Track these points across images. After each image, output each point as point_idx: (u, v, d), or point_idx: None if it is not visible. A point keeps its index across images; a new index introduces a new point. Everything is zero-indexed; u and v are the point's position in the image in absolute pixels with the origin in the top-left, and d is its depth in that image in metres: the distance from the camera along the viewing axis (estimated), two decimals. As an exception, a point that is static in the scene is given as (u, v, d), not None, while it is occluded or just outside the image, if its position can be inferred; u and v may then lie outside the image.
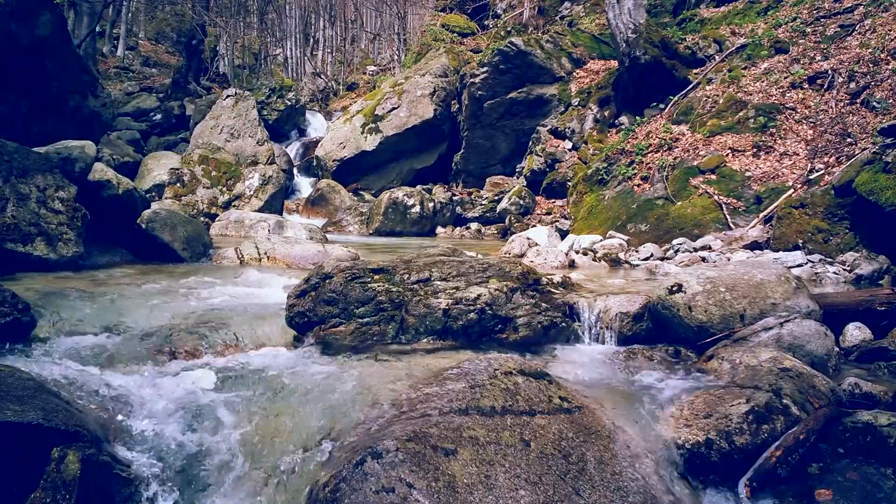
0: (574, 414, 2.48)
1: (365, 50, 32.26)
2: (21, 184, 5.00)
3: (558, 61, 13.89)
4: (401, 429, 2.22)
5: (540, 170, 12.82)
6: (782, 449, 2.41)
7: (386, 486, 1.96)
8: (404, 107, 15.31)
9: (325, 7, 31.20)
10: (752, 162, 8.39)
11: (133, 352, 3.23)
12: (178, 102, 18.76)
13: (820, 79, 9.11)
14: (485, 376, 2.56)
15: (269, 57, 29.97)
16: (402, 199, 12.22)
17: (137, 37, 27.60)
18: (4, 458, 1.92)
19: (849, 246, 6.25)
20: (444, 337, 3.50)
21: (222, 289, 4.68)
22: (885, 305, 3.79)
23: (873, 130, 7.27)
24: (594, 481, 2.19)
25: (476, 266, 3.88)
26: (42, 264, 4.88)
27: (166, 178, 11.70)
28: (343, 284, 3.60)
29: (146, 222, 6.12)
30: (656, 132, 9.91)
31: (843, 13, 10.28)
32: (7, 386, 2.17)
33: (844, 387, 2.94)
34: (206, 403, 2.57)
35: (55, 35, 9.62)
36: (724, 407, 2.61)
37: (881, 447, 2.40)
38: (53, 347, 3.16)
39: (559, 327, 3.71)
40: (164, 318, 3.75)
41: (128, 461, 2.22)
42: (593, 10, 16.74)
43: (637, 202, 8.89)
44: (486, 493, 2.01)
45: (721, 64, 10.87)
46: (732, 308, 3.47)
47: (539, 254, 6.66)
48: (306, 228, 8.99)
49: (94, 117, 10.93)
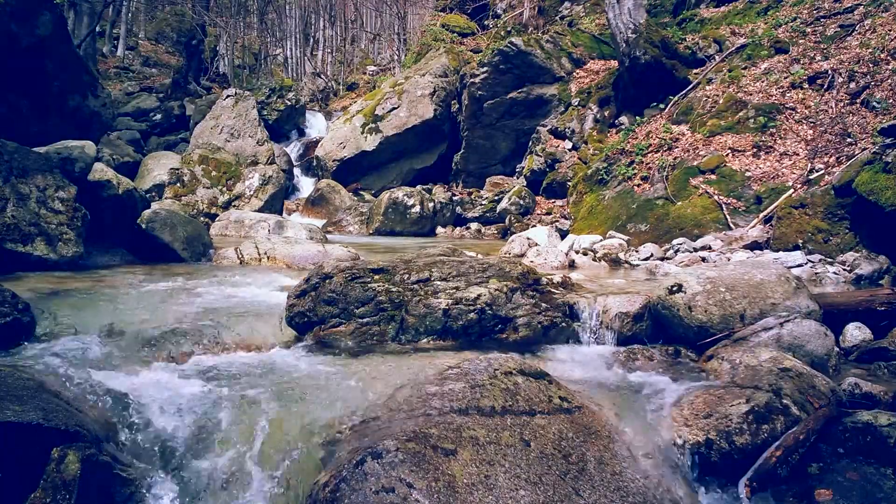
0: (574, 414, 2.48)
1: (365, 50, 32.27)
2: (21, 184, 5.00)
3: (558, 61, 13.88)
4: (401, 429, 2.22)
5: (540, 170, 12.82)
6: (782, 449, 2.41)
7: (386, 486, 1.96)
8: (404, 107, 15.30)
9: (325, 7, 31.20)
10: (752, 162, 8.39)
11: (133, 352, 3.23)
12: (178, 102, 18.77)
13: (820, 79, 9.11)
14: (485, 376, 2.56)
15: (269, 57, 29.97)
16: (402, 199, 12.22)
17: (137, 37, 27.60)
18: (4, 458, 1.92)
19: (849, 246, 6.25)
20: (444, 337, 3.50)
21: (222, 289, 4.68)
22: (885, 305, 3.79)
23: (873, 130, 7.27)
24: (594, 481, 2.19)
25: (476, 266, 3.88)
26: (42, 264, 4.88)
27: (166, 178, 11.70)
28: (343, 284, 3.60)
29: (146, 222, 6.13)
30: (656, 132, 9.91)
31: (843, 13, 10.28)
32: (7, 386, 2.17)
33: (844, 387, 2.94)
34: (206, 403, 2.57)
35: (55, 35, 9.62)
36: (724, 407, 2.61)
37: (881, 447, 2.40)
38: (53, 347, 3.16)
39: (559, 327, 3.71)
40: (163, 318, 3.75)
41: (128, 461, 2.22)
42: (593, 10, 16.74)
43: (637, 202, 8.89)
44: (486, 493, 2.01)
45: (721, 64, 10.87)
46: (732, 308, 3.47)
47: (539, 254, 6.65)
48: (306, 228, 8.99)
49: (94, 117, 10.93)
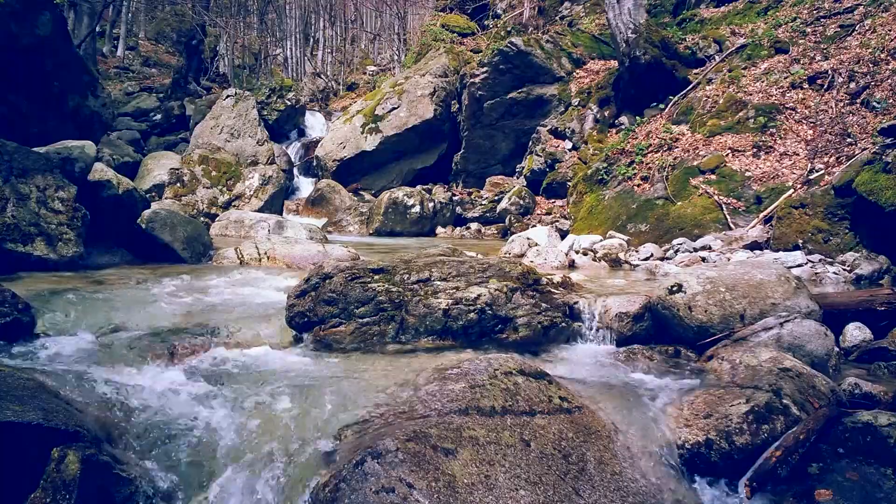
0: (574, 414, 2.48)
1: (365, 50, 32.27)
2: (21, 184, 5.00)
3: (558, 61, 13.88)
4: (401, 429, 2.22)
5: (540, 170, 12.82)
6: (782, 449, 2.41)
7: (386, 486, 1.96)
8: (404, 107, 15.29)
9: (325, 7, 31.19)
10: (752, 162, 8.39)
11: (133, 351, 3.23)
12: (178, 102, 18.76)
13: (820, 79, 9.11)
14: (485, 376, 2.56)
15: (269, 57, 29.96)
16: (402, 199, 12.21)
17: (137, 37, 27.62)
18: (4, 458, 1.92)
19: (849, 246, 6.25)
20: (444, 337, 3.50)
21: (222, 289, 4.69)
22: (885, 305, 3.79)
23: (873, 130, 7.27)
24: (594, 481, 2.19)
25: (476, 266, 3.88)
26: (42, 264, 4.88)
27: (166, 178, 11.69)
28: (343, 284, 3.60)
29: (146, 222, 6.12)
30: (656, 132, 9.91)
31: (843, 13, 10.27)
32: (7, 386, 2.17)
33: (844, 387, 2.94)
34: (206, 403, 2.57)
35: (55, 35, 9.61)
36: (724, 407, 2.61)
37: (881, 447, 2.40)
38: (53, 347, 3.16)
39: (559, 327, 3.71)
40: (163, 318, 3.75)
41: (128, 461, 2.22)
42: (593, 10, 16.73)
43: (637, 202, 8.89)
44: (486, 493, 2.01)
45: (721, 64, 10.86)
46: (732, 308, 3.47)
47: (539, 254, 6.65)
48: (306, 228, 8.99)
49: (94, 117, 10.93)
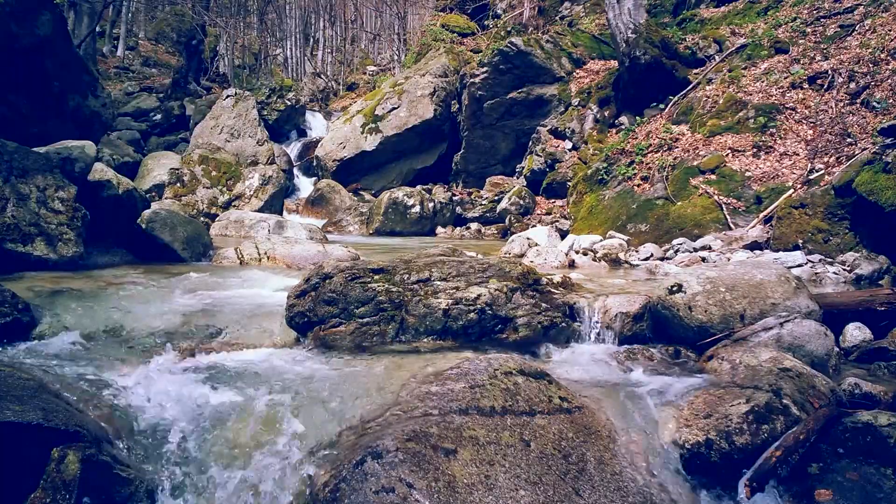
0: (574, 414, 2.48)
1: (365, 50, 32.27)
2: (21, 184, 5.00)
3: (558, 61, 13.88)
4: (401, 429, 2.22)
5: (540, 170, 12.82)
6: (782, 449, 2.41)
7: (386, 485, 1.96)
8: (404, 107, 15.29)
9: (325, 7, 31.19)
10: (752, 162, 8.39)
11: (133, 351, 3.23)
12: (178, 102, 18.76)
13: (820, 79, 9.11)
14: (485, 376, 2.56)
15: (269, 57, 29.96)
16: (402, 199, 12.21)
17: (137, 37, 27.61)
18: (4, 458, 1.92)
19: (849, 246, 6.25)
20: (444, 337, 3.50)
21: (222, 289, 4.68)
22: (885, 305, 3.79)
23: (873, 130, 7.27)
24: (594, 481, 2.19)
25: (476, 266, 3.88)
26: (42, 264, 4.87)
27: (166, 178, 11.69)
28: (343, 284, 3.60)
29: (146, 222, 6.12)
30: (656, 132, 9.91)
31: (843, 13, 10.27)
32: (7, 386, 2.17)
33: (844, 387, 2.94)
34: (206, 403, 2.57)
35: (55, 35, 9.60)
36: (724, 407, 2.61)
37: (881, 447, 2.40)
38: (53, 347, 3.16)
39: (559, 327, 3.71)
40: (163, 318, 3.75)
41: (128, 461, 2.22)
42: (593, 10, 16.73)
43: (637, 202, 8.88)
44: (486, 493, 2.01)
45: (721, 64, 10.86)
46: (732, 308, 3.47)
47: (539, 254, 6.65)
48: (306, 228, 8.98)
49: (94, 117, 10.91)
